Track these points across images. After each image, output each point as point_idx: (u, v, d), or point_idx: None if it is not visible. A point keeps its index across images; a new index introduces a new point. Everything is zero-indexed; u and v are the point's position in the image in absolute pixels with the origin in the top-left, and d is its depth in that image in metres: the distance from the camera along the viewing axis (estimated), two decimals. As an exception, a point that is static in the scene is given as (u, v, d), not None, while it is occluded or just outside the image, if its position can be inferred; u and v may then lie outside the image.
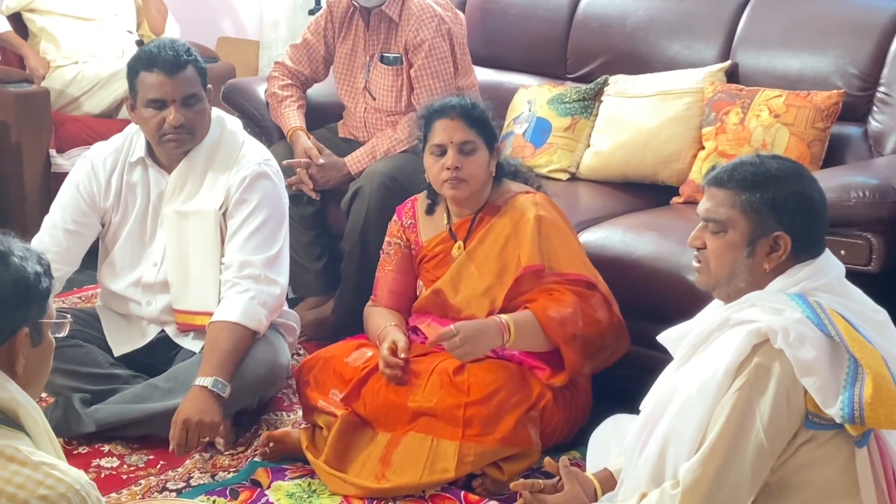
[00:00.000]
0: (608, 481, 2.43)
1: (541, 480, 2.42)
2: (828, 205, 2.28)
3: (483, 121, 3.09)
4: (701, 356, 2.18)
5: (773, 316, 2.07)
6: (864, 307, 2.24)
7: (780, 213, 2.16)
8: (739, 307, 2.16)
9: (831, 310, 2.09)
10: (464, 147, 3.03)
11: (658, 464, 2.16)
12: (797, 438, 2.06)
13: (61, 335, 1.82)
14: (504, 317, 2.93)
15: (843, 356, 2.04)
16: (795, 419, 2.05)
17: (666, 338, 2.39)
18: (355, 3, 3.82)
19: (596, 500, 2.40)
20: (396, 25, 3.77)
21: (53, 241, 3.17)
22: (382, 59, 3.81)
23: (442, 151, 3.05)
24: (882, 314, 2.25)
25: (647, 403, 2.33)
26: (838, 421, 2.01)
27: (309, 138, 3.79)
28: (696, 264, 2.29)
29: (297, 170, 3.69)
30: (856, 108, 3.49)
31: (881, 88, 3.46)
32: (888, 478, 2.10)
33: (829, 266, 2.23)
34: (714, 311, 2.28)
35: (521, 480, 2.47)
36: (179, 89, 3.11)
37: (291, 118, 3.85)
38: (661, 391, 2.27)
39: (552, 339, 2.91)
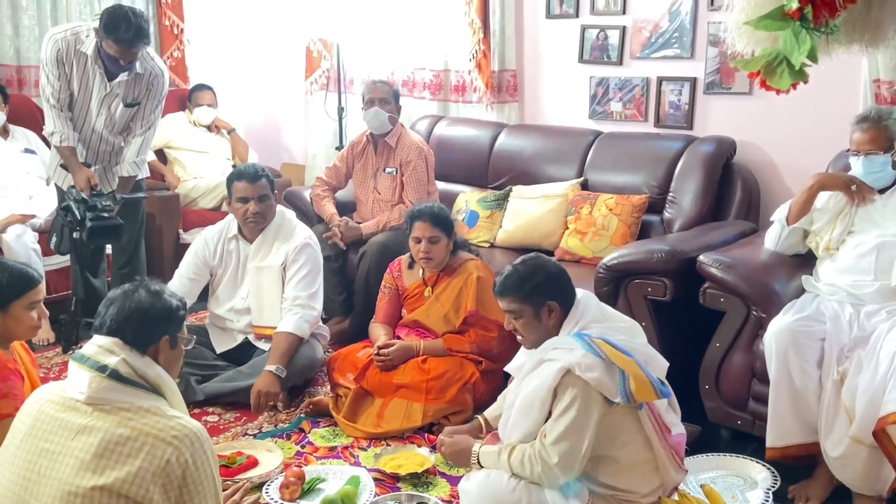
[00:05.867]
0: (487, 425, 2.41)
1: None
2: (563, 270, 2.21)
3: (444, 220, 3.08)
4: (529, 378, 2.10)
5: (568, 355, 2.01)
6: (616, 321, 2.21)
7: (541, 292, 2.14)
8: (546, 350, 2.10)
9: (599, 340, 2.02)
10: (431, 239, 3.04)
11: (511, 434, 2.11)
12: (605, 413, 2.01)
13: (188, 348, 1.83)
14: (421, 342, 3.00)
15: (614, 367, 1.98)
16: (600, 404, 2.00)
17: (510, 367, 2.32)
18: (369, 135, 3.84)
19: (481, 430, 2.39)
20: (393, 150, 3.78)
21: (181, 285, 3.16)
22: (385, 170, 3.80)
23: (418, 241, 3.05)
24: (628, 321, 2.23)
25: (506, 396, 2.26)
26: (621, 402, 1.97)
27: (340, 218, 3.78)
28: (519, 337, 2.21)
29: (333, 228, 3.69)
30: (656, 205, 3.51)
31: (670, 194, 3.49)
32: (659, 423, 2.09)
33: (586, 303, 2.17)
34: (528, 351, 2.20)
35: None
36: (257, 191, 3.12)
37: (329, 208, 3.84)
38: (510, 397, 2.19)
39: (449, 350, 2.98)
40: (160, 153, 4.59)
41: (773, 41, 2.01)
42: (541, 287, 2.15)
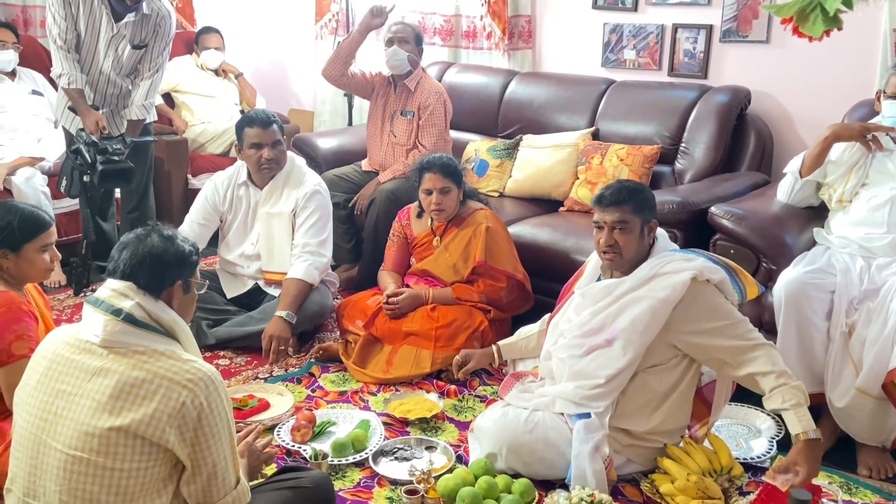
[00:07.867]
0: (499, 354, 2.60)
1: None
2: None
3: (454, 171, 3.04)
4: (635, 299, 2.10)
5: (689, 264, 2.10)
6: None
7: (651, 207, 2.19)
8: (659, 266, 2.12)
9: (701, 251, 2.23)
10: (443, 190, 3.00)
11: (607, 351, 2.12)
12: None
13: (201, 292, 1.82)
14: (430, 291, 3.00)
15: (728, 269, 2.17)
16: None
17: (579, 287, 2.28)
18: (390, 77, 3.78)
19: (493, 357, 2.61)
20: (412, 93, 3.72)
21: (191, 230, 3.15)
22: (402, 113, 3.74)
23: (429, 192, 3.02)
24: None
25: (564, 322, 2.27)
26: (737, 301, 2.17)
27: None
28: (608, 257, 2.16)
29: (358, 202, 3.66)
30: (667, 156, 3.48)
31: (682, 144, 3.47)
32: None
33: (663, 234, 2.26)
34: (627, 274, 2.17)
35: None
36: (270, 137, 3.09)
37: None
38: (597, 316, 2.16)
39: (457, 299, 2.99)
40: (167, 97, 4.53)
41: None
42: (651, 202, 2.21)
